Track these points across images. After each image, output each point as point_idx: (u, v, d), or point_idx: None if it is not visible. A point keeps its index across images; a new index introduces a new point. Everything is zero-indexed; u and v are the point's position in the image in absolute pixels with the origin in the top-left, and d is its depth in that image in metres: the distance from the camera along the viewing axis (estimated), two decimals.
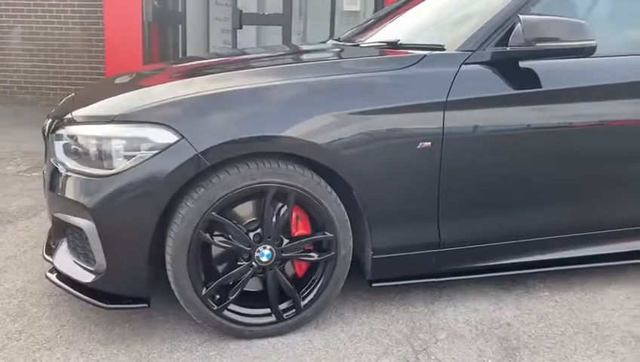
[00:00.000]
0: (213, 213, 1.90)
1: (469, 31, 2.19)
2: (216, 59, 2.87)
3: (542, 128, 2.16)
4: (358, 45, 2.61)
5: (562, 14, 2.14)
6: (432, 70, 2.09)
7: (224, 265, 2.02)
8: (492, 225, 2.24)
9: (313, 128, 1.94)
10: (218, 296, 2.01)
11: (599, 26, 2.36)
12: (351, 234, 2.08)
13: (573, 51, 2.06)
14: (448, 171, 2.08)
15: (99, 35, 7.01)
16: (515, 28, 2.07)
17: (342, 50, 2.64)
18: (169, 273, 1.94)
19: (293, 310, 2.06)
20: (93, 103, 2.10)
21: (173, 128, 1.85)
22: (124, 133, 1.88)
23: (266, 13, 7.42)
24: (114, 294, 1.98)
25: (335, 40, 2.93)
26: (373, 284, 2.18)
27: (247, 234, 1.97)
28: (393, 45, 2.37)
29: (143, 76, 2.61)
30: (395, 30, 2.67)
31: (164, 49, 6.70)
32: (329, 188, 2.01)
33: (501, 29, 2.14)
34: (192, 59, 3.40)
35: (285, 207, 1.98)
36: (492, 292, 2.40)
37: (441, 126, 2.04)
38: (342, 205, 2.03)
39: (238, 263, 2.00)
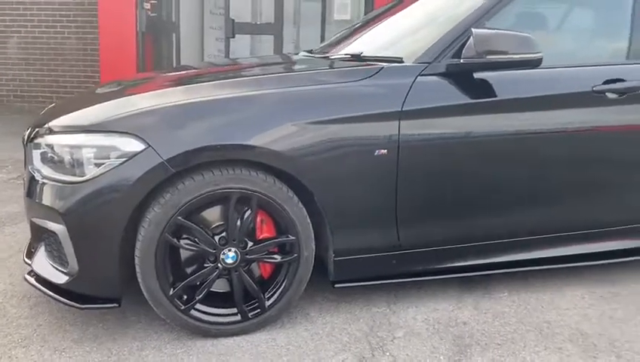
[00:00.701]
0: (179, 218, 2.01)
1: (426, 44, 2.31)
2: (200, 70, 2.99)
3: (493, 135, 2.27)
4: (327, 57, 2.73)
5: (516, 28, 2.27)
6: (388, 82, 2.21)
7: (192, 266, 2.13)
8: (450, 227, 2.34)
9: (275, 137, 2.05)
10: (186, 296, 2.11)
11: (547, 39, 2.48)
12: (313, 237, 2.19)
13: (521, 63, 2.18)
14: (405, 177, 2.19)
15: (94, 44, 7.16)
16: (469, 41, 2.19)
17: (308, 63, 2.76)
18: (138, 274, 2.05)
19: (258, 310, 2.17)
20: (70, 113, 2.22)
21: (140, 137, 1.96)
22: (94, 142, 2.00)
23: (259, 23, 7.57)
24: (87, 295, 2.09)
25: (307, 51, 3.05)
26: (336, 285, 2.29)
27: (212, 237, 2.09)
28: (357, 57, 2.49)
29: (126, 86, 2.72)
30: (363, 43, 2.79)
31: (158, 58, 6.84)
32: (291, 193, 2.12)
33: (456, 42, 2.26)
34: (181, 68, 3.53)
35: (249, 212, 2.09)
36: (454, 292, 2.50)
37: (397, 134, 2.16)
38: (304, 209, 2.15)
39: (205, 265, 2.12)
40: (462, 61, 2.21)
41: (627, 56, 2.47)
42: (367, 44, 2.75)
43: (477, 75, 2.26)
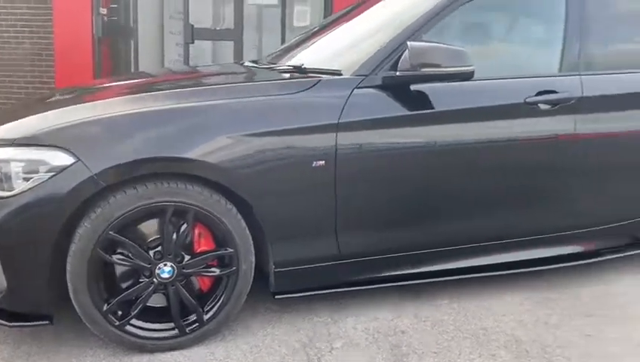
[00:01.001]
0: (111, 232, 1.98)
1: (364, 56, 2.34)
2: (150, 79, 2.96)
3: (429, 147, 2.31)
4: (271, 68, 2.73)
5: (453, 41, 2.32)
6: (325, 94, 2.22)
7: (127, 281, 2.10)
8: (390, 237, 2.37)
9: (210, 150, 2.04)
10: (121, 312, 2.08)
11: (484, 51, 2.55)
12: (252, 249, 2.19)
13: (453, 76, 2.22)
14: (343, 188, 2.21)
15: (49, 49, 6.99)
16: (404, 54, 2.23)
17: (250, 74, 2.76)
18: (70, 291, 2.00)
19: (197, 324, 2.15)
20: (4, 124, 2.16)
21: (69, 151, 1.93)
22: (23, 156, 1.96)
23: (218, 29, 7.53)
24: (18, 312, 2.04)
25: (252, 61, 3.04)
26: (277, 296, 2.29)
27: (147, 251, 2.06)
28: (298, 69, 2.50)
29: (78, 94, 2.63)
30: (308, 53, 2.80)
31: (116, 63, 6.73)
32: (229, 206, 2.11)
33: (393, 54, 2.30)
34: (136, 76, 3.47)
35: (186, 225, 2.08)
36: (395, 300, 2.53)
37: (334, 146, 2.17)
38: (242, 221, 2.14)
39: (140, 280, 2.09)
40: (398, 74, 2.24)
41: (560, 68, 2.55)
42: (311, 55, 2.76)
43: (413, 87, 2.30)
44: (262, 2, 7.62)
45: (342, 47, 2.66)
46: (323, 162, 2.17)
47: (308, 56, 2.72)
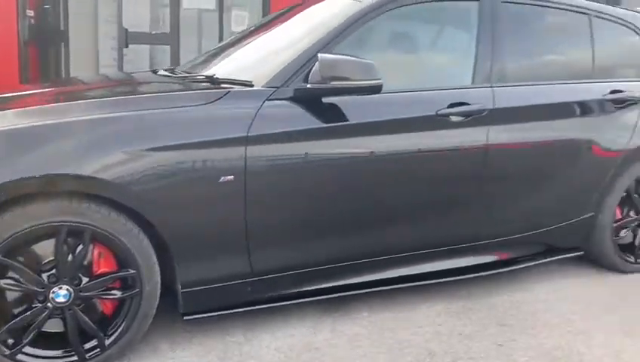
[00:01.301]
0: None
1: (276, 68, 2.29)
2: (70, 87, 2.80)
3: (342, 159, 2.29)
4: (184, 78, 2.63)
5: (367, 54, 2.30)
6: (234, 106, 2.16)
7: (19, 307, 1.97)
8: (305, 252, 2.33)
9: (105, 165, 1.93)
10: (12, 340, 1.94)
11: (397, 63, 2.56)
12: (157, 269, 2.09)
13: (362, 89, 2.20)
14: (254, 203, 2.15)
15: None
16: (314, 66, 2.19)
17: (159, 84, 2.66)
18: None
19: (98, 349, 2.04)
20: None
21: None
22: None
23: (154, 33, 7.34)
24: None
25: (167, 70, 2.93)
26: (186, 317, 2.20)
27: (39, 274, 1.93)
28: (209, 79, 2.42)
29: None
30: (222, 64, 2.72)
31: (45, 69, 6.44)
32: (130, 225, 2.01)
33: (305, 66, 2.26)
34: (61, 83, 3.28)
35: (82, 246, 1.96)
36: (313, 315, 2.49)
37: (243, 160, 2.11)
38: (145, 240, 2.04)
39: (33, 305, 1.95)
40: (308, 86, 2.20)
41: (472, 80, 2.57)
42: (226, 65, 2.69)
43: (326, 100, 2.27)
44: (199, 6, 7.50)
45: (256, 58, 2.60)
46: (231, 177, 2.10)
47: (223, 66, 2.65)
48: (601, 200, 2.91)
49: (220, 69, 2.60)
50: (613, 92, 2.87)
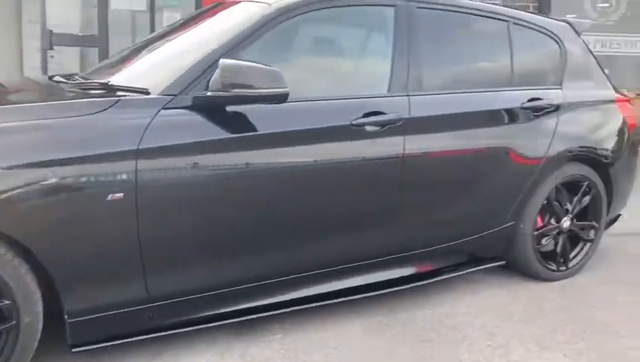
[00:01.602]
0: None
1: (175, 74, 2.11)
2: None
3: (247, 173, 2.13)
4: (79, 84, 2.41)
5: (276, 60, 2.16)
6: (123, 116, 1.97)
7: None
8: (209, 273, 2.16)
9: None
10: None
11: (311, 70, 2.43)
12: (37, 299, 1.88)
13: (266, 98, 2.06)
14: (148, 222, 1.97)
15: None
16: (215, 72, 2.03)
17: (49, 91, 2.43)
18: None
19: None
20: None
21: None
22: None
23: (81, 34, 6.98)
24: None
25: (64, 76, 2.68)
26: (74, 349, 1.99)
27: None
28: (104, 86, 2.22)
29: None
30: (124, 69, 2.50)
31: None
32: (2, 250, 1.79)
33: (207, 73, 2.10)
34: None
35: None
36: (223, 340, 2.32)
37: (134, 175, 1.92)
38: (23, 268, 1.83)
39: None
40: (209, 94, 2.04)
41: (389, 89, 2.48)
42: (128, 71, 2.47)
43: (230, 109, 2.11)
44: (129, 7, 7.20)
45: (158, 63, 2.41)
46: (121, 194, 1.91)
47: (124, 72, 2.44)
48: (521, 209, 2.88)
49: (121, 75, 2.40)
50: (531, 100, 2.85)
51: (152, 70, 2.33)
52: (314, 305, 2.42)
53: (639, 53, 7.39)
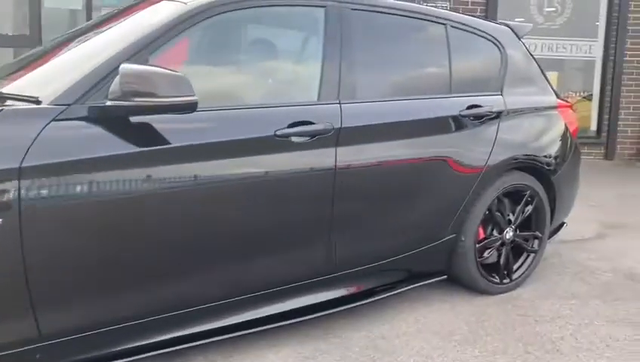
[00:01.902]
0: None
1: (69, 81, 1.87)
2: None
3: (155, 189, 1.90)
4: None
5: (188, 66, 1.94)
6: (4, 129, 1.71)
7: None
8: (112, 305, 1.92)
9: None
10: None
11: (232, 76, 2.22)
12: None
13: (172, 108, 1.84)
14: (35, 251, 1.72)
15: None
16: (115, 79, 1.80)
17: None
18: None
19: None
20: None
21: None
22: None
23: (12, 34, 6.57)
24: None
25: None
26: None
27: None
28: None
29: None
30: (24, 75, 2.22)
31: None
32: None
33: (106, 79, 1.86)
34: None
35: None
36: None
37: (17, 197, 1.67)
38: None
39: None
40: (108, 103, 1.80)
41: (318, 96, 2.29)
42: (26, 76, 2.20)
43: (135, 120, 1.87)
44: (64, 6, 6.83)
45: (56, 69, 2.14)
46: (0, 220, 1.65)
47: (21, 79, 2.17)
48: (462, 221, 2.75)
49: (17, 82, 2.12)
50: (470, 107, 2.72)
51: (50, 76, 2.07)
52: (242, 333, 2.21)
53: (584, 57, 7.52)
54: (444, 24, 2.76)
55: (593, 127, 7.57)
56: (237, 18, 2.22)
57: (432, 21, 2.73)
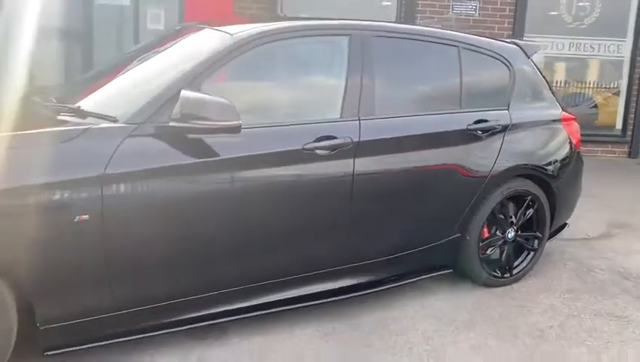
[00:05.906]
0: None
1: (140, 103, 2.32)
2: None
3: (209, 193, 2.36)
4: (52, 107, 2.59)
5: (235, 89, 2.36)
6: (91, 143, 2.18)
7: None
8: (171, 284, 2.39)
9: None
10: None
11: (266, 97, 2.63)
12: (12, 308, 2.09)
13: (221, 130, 2.27)
14: (113, 240, 2.19)
15: None
16: (177, 104, 2.24)
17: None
18: None
19: None
20: None
21: None
22: None
23: (65, 29, 7.05)
24: None
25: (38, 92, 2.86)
26: (47, 353, 2.21)
27: None
28: (75, 111, 2.41)
29: None
30: (96, 92, 2.68)
31: None
32: None
33: (169, 102, 2.30)
34: None
35: None
36: (185, 342, 2.54)
37: (100, 199, 2.14)
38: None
39: None
40: (171, 124, 2.25)
41: (341, 114, 2.69)
42: (98, 94, 2.65)
43: (191, 137, 2.31)
44: (113, 2, 7.26)
45: (124, 90, 2.60)
46: (87, 216, 2.12)
47: (97, 95, 2.63)
48: (468, 221, 3.11)
49: (91, 96, 2.59)
50: (477, 121, 3.07)
51: (121, 96, 2.52)
52: (272, 310, 2.65)
53: (612, 57, 7.63)
54: (456, 46, 3.10)
55: (618, 125, 7.71)
56: (274, 48, 2.62)
57: (445, 44, 3.08)
